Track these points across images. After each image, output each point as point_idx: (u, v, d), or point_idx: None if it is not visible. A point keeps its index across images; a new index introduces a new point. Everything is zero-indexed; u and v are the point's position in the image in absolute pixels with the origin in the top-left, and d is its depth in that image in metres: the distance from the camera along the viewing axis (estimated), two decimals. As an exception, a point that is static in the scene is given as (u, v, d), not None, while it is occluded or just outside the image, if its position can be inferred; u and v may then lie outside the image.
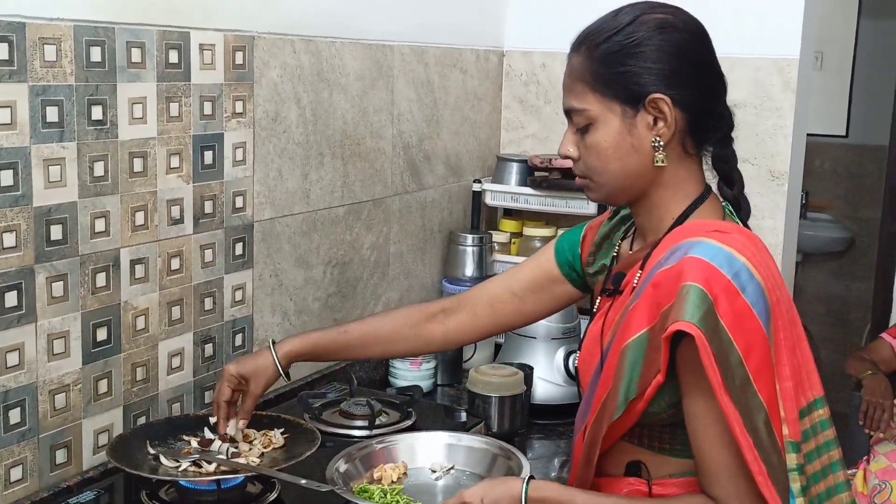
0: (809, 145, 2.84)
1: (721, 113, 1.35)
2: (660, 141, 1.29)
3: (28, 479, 1.54)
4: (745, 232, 1.31)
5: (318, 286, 2.14)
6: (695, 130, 1.32)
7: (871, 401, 3.02)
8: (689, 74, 1.30)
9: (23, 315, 1.50)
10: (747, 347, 1.18)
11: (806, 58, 2.54)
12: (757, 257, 1.25)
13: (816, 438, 1.28)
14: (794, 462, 1.23)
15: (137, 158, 1.67)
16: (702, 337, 1.17)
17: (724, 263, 1.21)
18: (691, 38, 1.31)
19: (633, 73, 1.28)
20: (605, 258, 1.51)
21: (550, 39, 2.72)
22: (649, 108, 1.28)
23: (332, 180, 2.15)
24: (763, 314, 1.21)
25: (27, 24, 1.45)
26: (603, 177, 1.33)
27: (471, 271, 2.52)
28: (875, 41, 5.03)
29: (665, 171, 1.32)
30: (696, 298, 1.18)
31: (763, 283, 1.22)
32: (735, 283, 1.20)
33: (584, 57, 1.32)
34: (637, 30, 1.29)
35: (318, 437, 1.64)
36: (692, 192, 1.34)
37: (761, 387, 1.19)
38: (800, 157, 2.65)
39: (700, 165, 1.36)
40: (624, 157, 1.31)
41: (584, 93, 1.31)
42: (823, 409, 1.29)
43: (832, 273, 5.21)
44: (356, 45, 2.18)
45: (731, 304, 1.19)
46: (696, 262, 1.21)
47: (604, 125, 1.30)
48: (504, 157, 2.70)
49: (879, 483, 2.88)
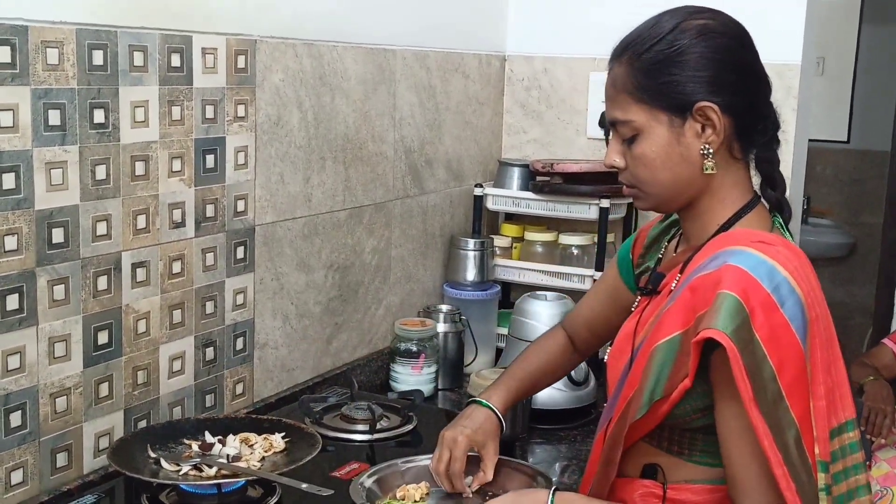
0: (811, 151, 2.84)
1: (767, 114, 1.33)
2: (709, 148, 1.28)
3: (29, 483, 1.54)
4: (791, 246, 1.29)
5: (320, 290, 2.14)
6: (742, 134, 1.31)
7: (872, 406, 3.01)
8: (734, 79, 1.28)
9: (24, 318, 1.50)
10: (781, 362, 1.17)
11: (807, 63, 2.54)
12: (800, 272, 1.23)
13: (845, 461, 1.26)
14: (822, 482, 1.21)
15: (139, 162, 1.67)
16: (733, 348, 1.16)
17: (764, 276, 1.19)
18: (734, 43, 1.30)
19: (678, 82, 1.27)
20: (651, 260, 1.51)
21: (552, 44, 2.73)
22: (697, 117, 1.27)
23: (333, 184, 2.15)
24: (801, 330, 1.19)
25: (29, 27, 1.45)
26: (653, 187, 1.33)
27: (472, 276, 2.52)
28: (876, 47, 5.03)
29: (713, 178, 1.31)
30: (732, 308, 1.17)
31: (804, 299, 1.21)
32: (774, 296, 1.18)
33: (627, 66, 1.30)
34: (679, 37, 1.28)
35: (318, 441, 1.64)
36: (739, 200, 1.33)
37: (794, 403, 1.17)
38: (801, 162, 2.65)
39: (747, 171, 1.35)
40: (673, 167, 1.30)
41: (628, 103, 1.30)
42: (854, 431, 1.27)
43: (833, 279, 5.21)
44: (358, 50, 2.18)
45: (769, 318, 1.17)
46: (736, 272, 1.20)
47: (651, 135, 1.29)
48: (506, 161, 2.70)
49: (882, 489, 2.87)
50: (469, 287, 2.51)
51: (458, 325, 2.38)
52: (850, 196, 5.16)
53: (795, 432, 1.17)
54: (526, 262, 2.63)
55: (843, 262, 5.17)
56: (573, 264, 2.57)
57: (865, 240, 5.06)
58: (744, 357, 1.16)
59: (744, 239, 1.26)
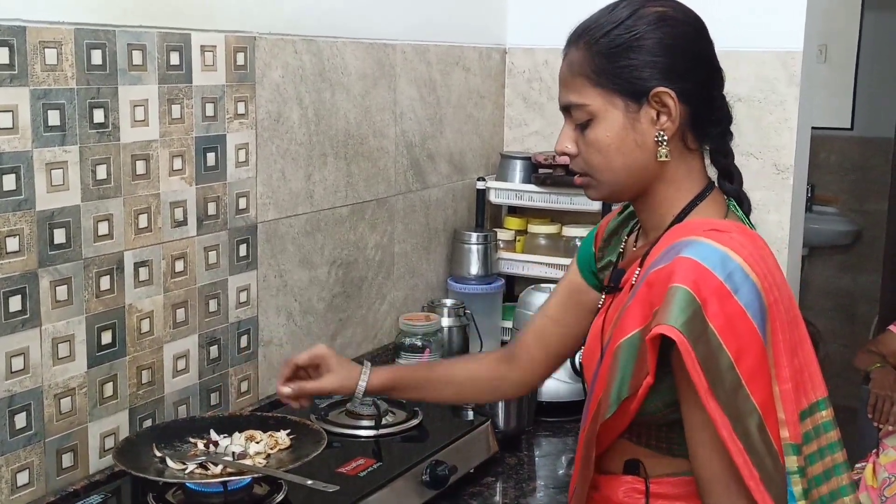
0: (814, 138, 2.83)
1: (721, 106, 1.33)
2: (663, 135, 1.28)
3: (35, 484, 1.54)
4: (745, 231, 1.28)
5: (323, 286, 2.14)
6: (696, 124, 1.30)
7: (879, 394, 3.01)
8: (691, 67, 1.28)
9: (27, 319, 1.50)
10: (739, 350, 1.16)
11: (810, 51, 2.53)
12: (754, 256, 1.22)
13: (819, 440, 1.26)
14: (794, 465, 1.21)
15: (140, 161, 1.67)
16: (684, 342, 1.15)
17: (717, 264, 1.18)
18: (691, 31, 1.30)
19: (635, 67, 1.27)
20: (612, 254, 1.49)
21: (553, 36, 2.69)
22: (653, 103, 1.27)
23: (335, 180, 2.15)
24: (758, 315, 1.18)
25: (27, 27, 1.45)
26: (605, 174, 1.32)
27: (476, 269, 2.52)
28: (879, 33, 5.01)
29: (667, 166, 1.30)
30: (682, 301, 1.16)
31: (759, 283, 1.20)
32: (728, 284, 1.18)
33: (584, 51, 1.30)
34: (637, 23, 1.28)
35: (324, 437, 1.64)
36: (694, 188, 1.33)
37: (755, 389, 1.16)
38: (805, 150, 2.64)
39: (702, 161, 1.35)
40: (627, 153, 1.29)
41: (584, 87, 1.29)
42: (827, 410, 1.27)
43: (839, 266, 5.20)
44: (358, 45, 2.17)
45: (723, 307, 1.17)
46: (687, 263, 1.19)
47: (605, 120, 1.29)
48: (508, 154, 2.70)
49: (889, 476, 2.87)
50: (473, 281, 2.51)
51: (463, 319, 2.38)
52: (854, 183, 5.15)
53: (758, 419, 1.16)
54: (529, 255, 2.63)
55: (848, 250, 5.16)
56: (577, 256, 2.57)
57: (870, 227, 5.05)
58: (696, 349, 1.15)
59: (697, 228, 1.26)
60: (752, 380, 1.17)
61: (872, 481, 2.91)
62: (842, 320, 5.15)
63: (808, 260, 4.92)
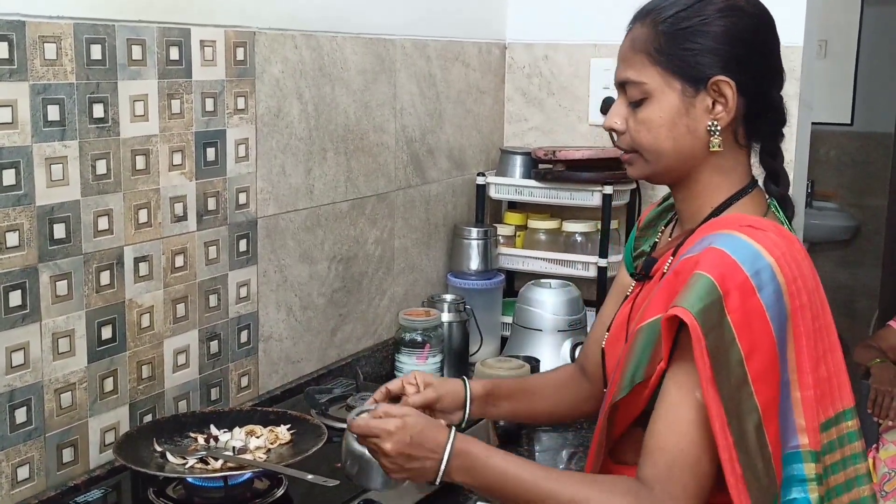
0: (814, 134, 2.83)
1: (777, 105, 1.32)
2: (717, 125, 1.26)
3: (35, 479, 1.54)
4: (783, 232, 1.26)
5: (323, 282, 2.14)
6: (749, 119, 1.29)
7: (879, 389, 3.02)
8: (753, 61, 1.27)
9: (27, 314, 1.50)
10: (751, 348, 1.16)
11: (809, 46, 2.53)
12: (787, 258, 1.21)
13: (843, 450, 1.25)
14: (812, 472, 1.21)
15: (140, 156, 1.66)
16: (696, 327, 1.14)
17: (746, 259, 1.18)
18: (759, 24, 1.29)
19: (698, 52, 1.25)
20: (647, 244, 1.49)
21: (553, 31, 2.72)
22: (711, 91, 1.26)
23: (335, 175, 2.14)
24: (777, 318, 1.18)
25: (27, 22, 1.45)
26: (652, 154, 1.30)
27: (476, 265, 2.52)
28: (879, 29, 5.01)
29: (714, 157, 1.29)
30: (703, 289, 1.16)
31: (786, 287, 1.19)
32: (754, 280, 1.17)
33: (649, 28, 1.28)
34: (705, 8, 1.26)
35: (324, 432, 1.64)
36: (736, 183, 1.31)
37: (759, 390, 1.16)
38: (805, 145, 2.64)
39: (748, 158, 1.33)
40: (677, 137, 1.28)
41: (644, 65, 1.28)
42: (853, 420, 1.26)
43: (838, 262, 5.20)
44: (357, 40, 2.17)
45: (744, 302, 1.16)
46: (717, 254, 1.19)
47: (661, 100, 1.27)
48: (508, 149, 2.69)
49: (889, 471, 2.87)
50: (473, 276, 2.51)
51: (463, 314, 2.38)
52: (854, 179, 5.15)
53: (757, 419, 1.16)
54: (529, 251, 2.63)
55: (847, 245, 5.16)
56: (577, 251, 2.57)
57: (870, 222, 5.05)
58: (708, 338, 1.14)
59: (734, 223, 1.25)
60: (759, 379, 1.16)
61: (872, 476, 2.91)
62: (841, 315, 5.15)
63: (807, 255, 4.91)
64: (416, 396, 1.44)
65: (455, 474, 1.27)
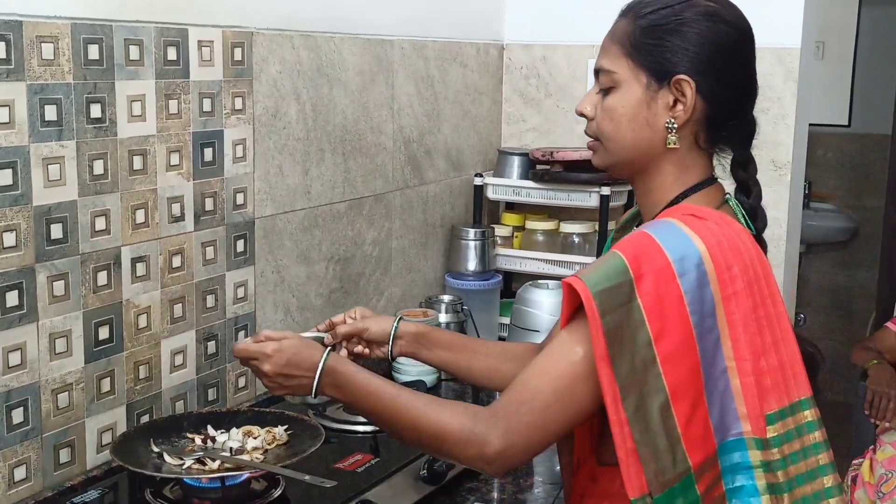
0: (812, 135, 2.83)
1: (743, 116, 1.34)
2: (674, 123, 1.29)
3: (32, 479, 1.54)
4: (726, 220, 1.27)
5: (321, 282, 2.14)
6: (711, 125, 1.31)
7: (876, 390, 3.02)
8: (722, 68, 1.29)
9: (24, 314, 1.50)
10: (661, 330, 1.18)
11: (807, 47, 2.53)
12: (724, 247, 1.22)
13: (802, 440, 1.25)
14: (758, 459, 1.22)
15: (137, 156, 1.66)
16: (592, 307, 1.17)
17: (673, 245, 1.20)
18: (735, 34, 1.31)
19: (668, 49, 1.28)
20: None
21: (550, 32, 2.72)
22: (673, 88, 1.28)
23: (332, 176, 2.14)
24: (698, 304, 1.19)
25: (24, 22, 1.45)
26: (611, 143, 1.33)
27: (473, 266, 2.52)
28: (876, 30, 5.01)
29: (672, 155, 1.31)
30: (613, 269, 1.19)
31: (715, 275, 1.20)
32: (676, 266, 1.19)
33: (629, 22, 1.32)
34: (685, 10, 1.29)
35: (321, 433, 1.64)
36: (692, 180, 1.33)
37: (669, 370, 1.18)
38: (802, 147, 2.64)
39: (710, 160, 1.35)
40: (636, 129, 1.31)
41: (617, 55, 1.32)
42: (810, 410, 1.26)
43: (836, 263, 5.20)
44: (355, 40, 2.17)
45: (658, 286, 1.18)
46: (641, 237, 1.22)
47: (626, 91, 1.31)
48: (505, 150, 2.70)
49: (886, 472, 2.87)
50: (470, 277, 2.51)
51: (461, 315, 2.38)
52: (851, 180, 5.15)
53: (664, 399, 1.17)
54: (527, 251, 2.63)
55: (845, 247, 5.17)
56: (574, 252, 2.57)
57: (867, 224, 5.05)
58: (605, 318, 1.17)
59: (677, 212, 1.28)
60: (669, 361, 1.18)
61: (870, 477, 2.91)
62: (839, 317, 5.16)
63: (805, 256, 4.92)
64: (343, 326, 1.59)
65: (327, 389, 1.38)
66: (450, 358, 1.61)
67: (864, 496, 2.90)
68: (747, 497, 1.22)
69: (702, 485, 1.20)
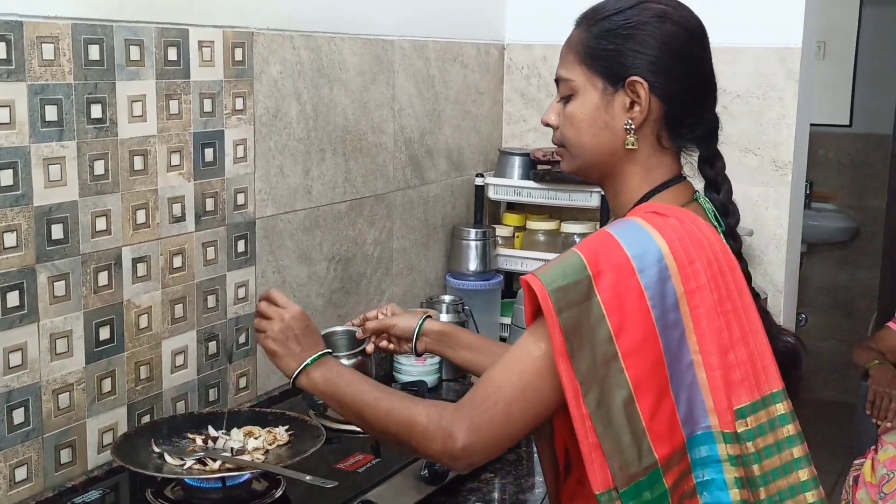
0: (813, 135, 2.83)
1: (702, 114, 1.35)
2: (631, 124, 1.31)
3: (33, 479, 1.54)
4: (689, 216, 1.28)
5: (322, 282, 2.14)
6: (671, 124, 1.32)
7: (878, 390, 3.01)
8: (675, 68, 1.31)
9: (25, 315, 1.50)
10: (622, 325, 1.19)
11: (808, 47, 2.53)
12: (685, 242, 1.23)
13: (775, 433, 1.25)
14: (725, 453, 1.22)
15: (138, 156, 1.66)
16: (548, 304, 1.19)
17: (633, 242, 1.22)
18: (686, 34, 1.32)
19: (620, 53, 1.30)
20: None
21: (551, 32, 2.68)
22: (628, 91, 1.30)
23: (333, 176, 2.14)
24: (660, 298, 1.20)
25: (24, 22, 1.45)
26: (575, 148, 1.36)
27: (474, 266, 2.52)
28: (878, 30, 5.01)
29: (636, 156, 1.33)
30: (570, 267, 1.21)
31: (675, 270, 1.21)
32: (635, 262, 1.20)
33: (583, 30, 1.35)
34: (637, 14, 1.31)
35: (322, 433, 1.64)
36: (658, 180, 1.34)
37: (631, 365, 1.18)
38: (803, 146, 2.64)
39: (676, 159, 1.36)
40: (597, 133, 1.33)
41: (573, 63, 1.34)
42: (782, 402, 1.26)
43: (837, 263, 5.20)
44: (356, 41, 2.17)
45: (618, 281, 1.20)
46: (601, 236, 1.24)
47: (583, 97, 1.33)
48: (506, 150, 2.69)
49: (888, 472, 2.87)
50: (472, 277, 2.51)
51: (462, 315, 2.38)
52: (852, 180, 5.15)
53: (627, 394, 1.18)
54: (528, 251, 2.63)
55: (846, 247, 5.16)
56: (575, 252, 2.57)
57: (869, 223, 5.05)
58: (562, 315, 1.18)
59: (640, 210, 1.30)
60: (631, 355, 1.19)
61: (871, 478, 2.91)
62: (840, 316, 5.15)
63: (806, 257, 4.92)
64: (372, 322, 1.69)
65: (313, 372, 1.44)
66: (472, 358, 1.66)
67: (866, 496, 2.90)
68: (717, 490, 1.23)
69: (670, 478, 1.21)
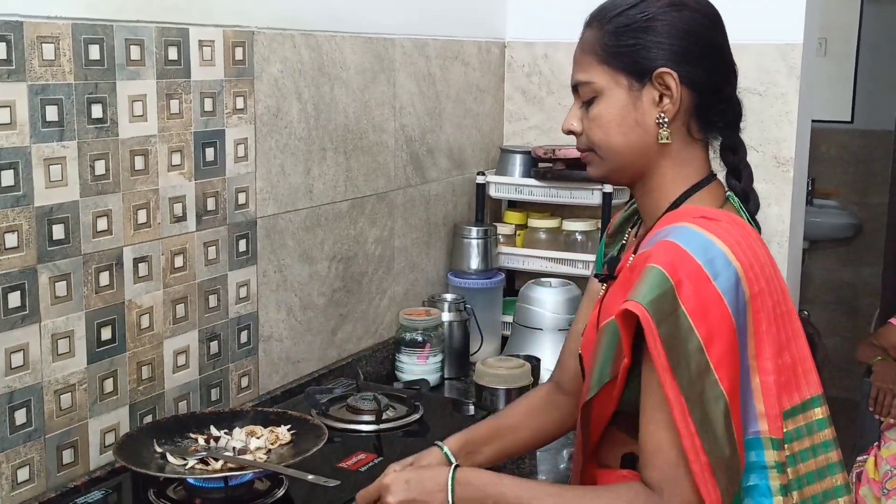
0: (814, 131, 2.82)
1: (729, 98, 1.33)
2: (664, 117, 1.28)
3: (35, 480, 1.54)
4: (736, 220, 1.27)
5: (323, 281, 2.14)
6: (701, 113, 1.30)
7: (881, 387, 3.01)
8: (699, 54, 1.28)
9: (26, 315, 1.50)
10: (710, 334, 1.16)
11: (810, 43, 2.52)
12: (742, 245, 1.22)
13: (812, 437, 1.25)
14: (773, 459, 1.21)
15: (138, 156, 1.66)
16: (647, 318, 1.15)
17: (698, 249, 1.19)
18: (704, 19, 1.30)
19: (642, 46, 1.27)
20: (615, 248, 1.49)
21: (552, 29, 2.71)
22: (656, 83, 1.27)
23: (334, 175, 2.14)
24: (735, 303, 1.18)
25: (25, 22, 1.44)
26: (605, 151, 1.32)
27: (476, 264, 2.51)
28: (879, 26, 5.00)
29: (668, 152, 1.30)
30: (654, 280, 1.17)
31: (742, 273, 1.19)
32: (707, 269, 1.17)
33: (596, 30, 1.32)
34: (650, 6, 1.28)
35: (324, 432, 1.64)
36: (692, 178, 1.32)
37: (723, 376, 1.16)
38: (805, 143, 2.63)
39: (706, 152, 1.34)
40: (627, 132, 1.29)
41: (591, 65, 1.31)
42: (821, 407, 1.26)
43: (840, 260, 5.19)
44: (356, 39, 2.17)
45: (697, 290, 1.16)
46: (667, 246, 1.20)
47: (609, 97, 1.29)
48: (507, 148, 2.69)
49: (891, 469, 2.87)
50: (473, 275, 2.51)
51: (463, 313, 2.38)
52: (855, 176, 5.14)
53: (724, 405, 1.15)
54: (530, 249, 2.62)
55: (849, 243, 5.16)
56: (577, 250, 2.57)
57: (871, 220, 5.04)
58: (661, 327, 1.15)
59: (687, 215, 1.26)
60: (721, 366, 1.16)
61: (874, 474, 2.91)
62: (843, 313, 5.15)
63: (808, 253, 4.91)
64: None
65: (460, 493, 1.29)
66: (497, 450, 1.55)
67: (869, 493, 2.90)
68: (760, 497, 1.21)
69: None
